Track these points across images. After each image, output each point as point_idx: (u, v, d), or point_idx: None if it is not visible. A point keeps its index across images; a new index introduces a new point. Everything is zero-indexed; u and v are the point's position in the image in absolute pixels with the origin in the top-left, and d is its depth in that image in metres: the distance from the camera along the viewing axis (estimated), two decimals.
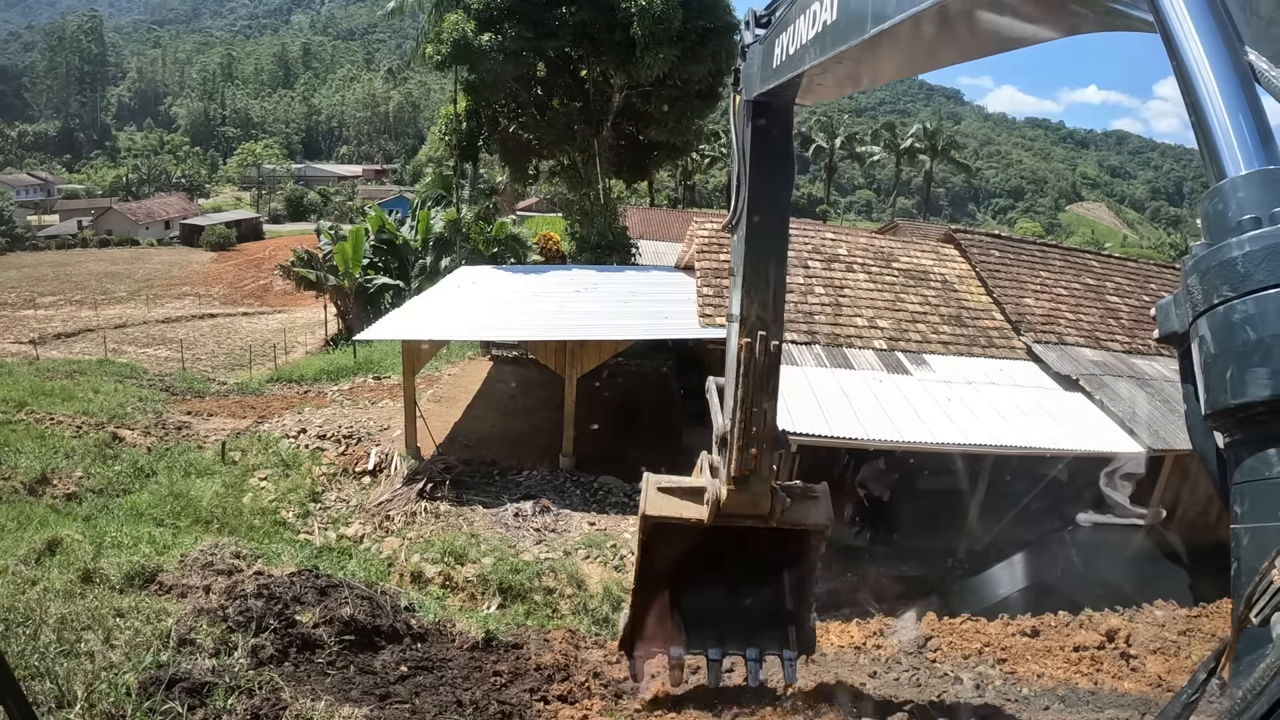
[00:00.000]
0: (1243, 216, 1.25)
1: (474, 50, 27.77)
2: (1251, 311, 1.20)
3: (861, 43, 3.51)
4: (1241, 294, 1.22)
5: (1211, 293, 1.27)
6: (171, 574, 9.46)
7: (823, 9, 4.04)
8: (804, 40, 4.47)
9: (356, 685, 7.23)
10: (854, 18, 3.56)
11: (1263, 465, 1.21)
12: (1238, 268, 1.22)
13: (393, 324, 20.84)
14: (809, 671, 9.38)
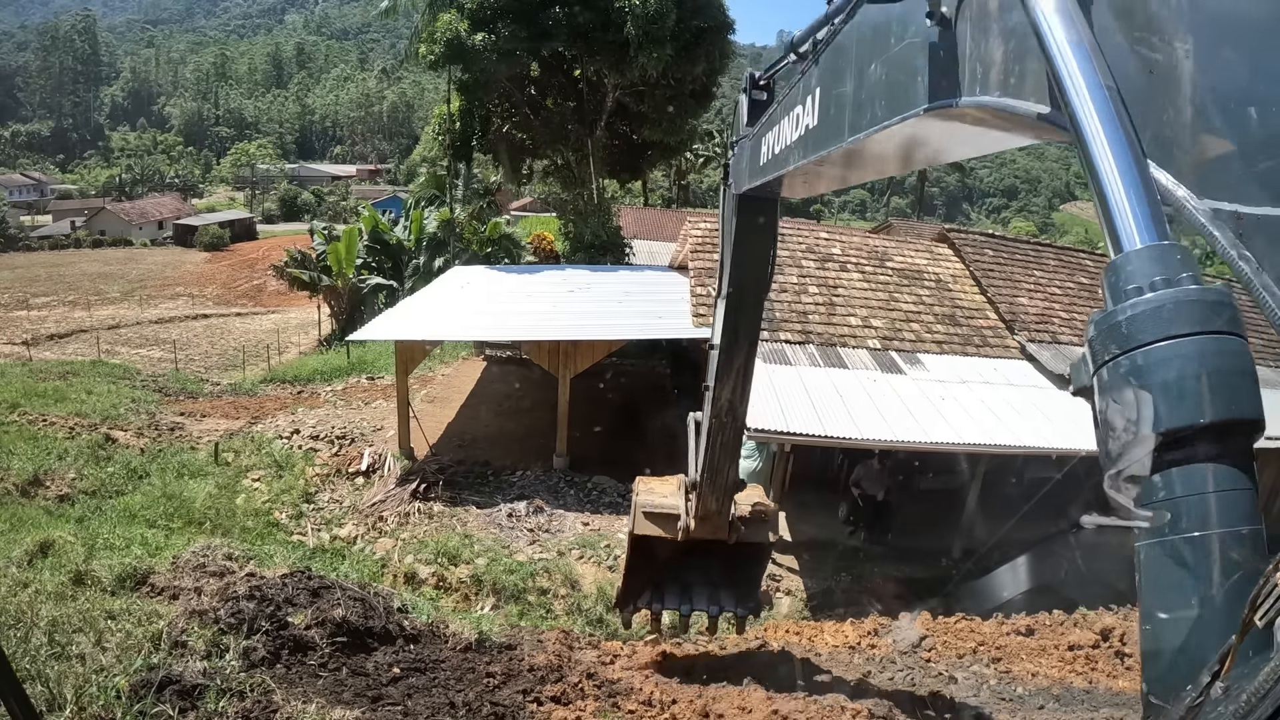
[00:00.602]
0: (1129, 285, 1.47)
1: (467, 50, 27.73)
2: (1134, 365, 1.41)
3: (841, 149, 3.73)
4: (1125, 351, 1.43)
5: (1103, 351, 1.48)
6: (163, 576, 9.43)
7: (805, 113, 4.32)
8: (788, 141, 4.74)
9: (349, 687, 7.20)
10: (833, 125, 3.82)
11: (1150, 491, 1.40)
12: (1122, 329, 1.44)
13: (385, 324, 20.84)
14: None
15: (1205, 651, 1.29)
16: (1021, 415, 15.92)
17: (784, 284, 20.57)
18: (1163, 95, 1.73)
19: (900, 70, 2.95)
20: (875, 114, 3.22)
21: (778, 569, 15.39)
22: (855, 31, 3.54)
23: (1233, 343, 1.38)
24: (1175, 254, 1.47)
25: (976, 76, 2.40)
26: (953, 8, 2.49)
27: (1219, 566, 1.30)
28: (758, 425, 14.38)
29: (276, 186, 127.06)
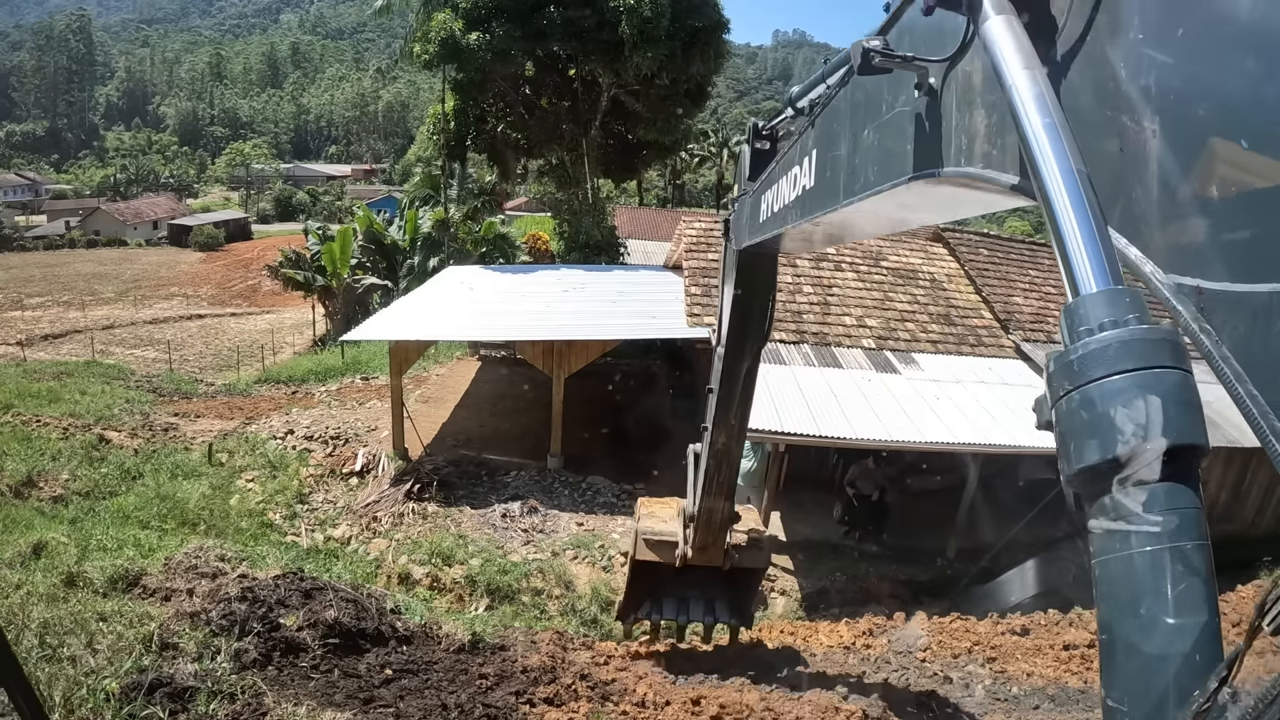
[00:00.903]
0: (1081, 327, 1.59)
1: (462, 49, 27.70)
2: (1085, 398, 1.53)
3: (836, 211, 3.90)
4: (1077, 386, 1.54)
5: (1058, 388, 1.59)
6: (156, 577, 9.41)
7: (802, 174, 4.49)
8: (786, 200, 4.91)
9: (340, 689, 7.18)
10: (829, 188, 3.99)
11: (1099, 512, 1.51)
12: (1074, 367, 1.56)
13: (379, 324, 20.82)
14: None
15: (1158, 659, 1.37)
16: (1016, 415, 15.91)
17: (779, 283, 20.53)
18: (1132, 172, 1.85)
19: (891, 137, 3.10)
20: (868, 179, 3.37)
21: (773, 569, 15.39)
22: (849, 96, 3.68)
23: (1174, 375, 1.48)
24: (1124, 298, 1.59)
25: (961, 148, 2.54)
26: (939, 81, 2.63)
27: (1168, 579, 1.39)
28: (753, 425, 14.36)
29: (271, 186, 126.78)
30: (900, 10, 2.98)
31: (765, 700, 8.63)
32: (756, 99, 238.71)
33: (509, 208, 63.59)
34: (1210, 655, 1.34)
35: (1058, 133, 1.82)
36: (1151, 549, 1.42)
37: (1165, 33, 1.77)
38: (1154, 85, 1.79)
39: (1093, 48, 2.00)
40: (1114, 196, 1.88)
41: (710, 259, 21.28)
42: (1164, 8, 1.78)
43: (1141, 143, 1.81)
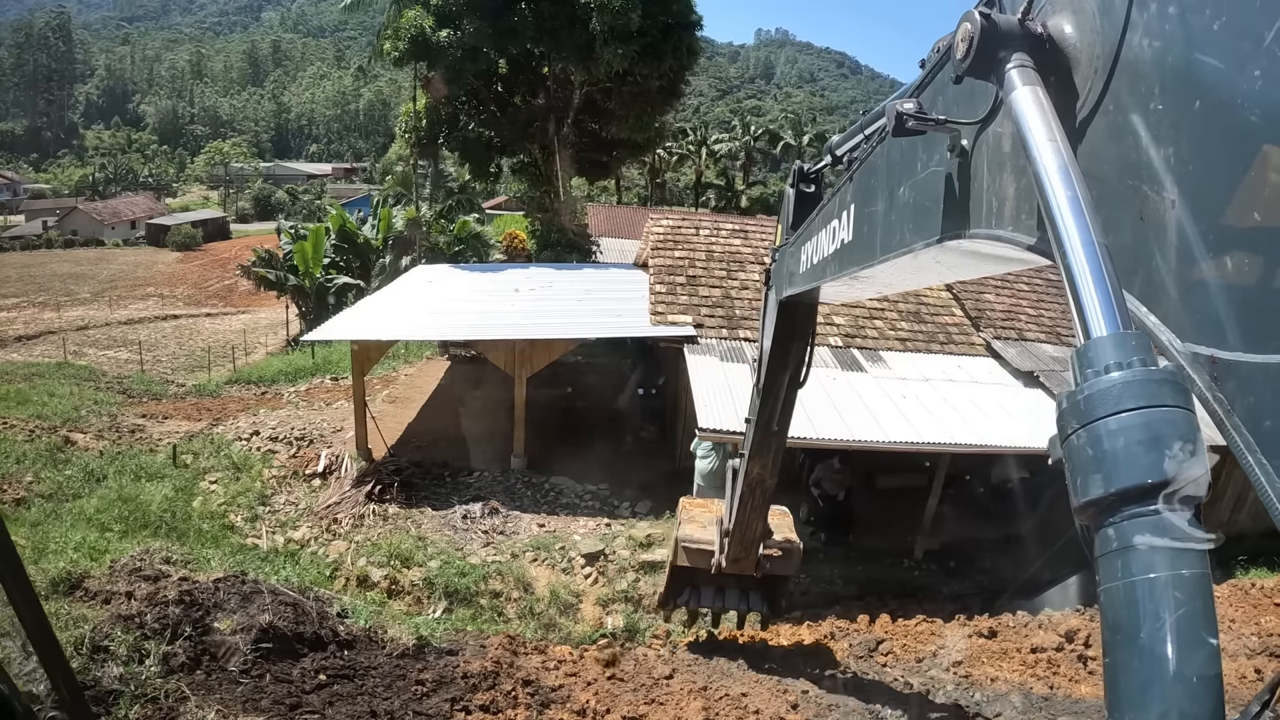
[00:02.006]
0: (1089, 369, 1.65)
1: (432, 46, 27.60)
2: (1092, 435, 1.58)
3: (873, 266, 4.06)
4: (1084, 424, 1.60)
5: (1067, 426, 1.65)
6: (98, 580, 9.32)
7: (841, 227, 4.64)
8: (826, 253, 5.13)
9: (268, 694, 7.08)
10: (866, 243, 4.13)
11: (1103, 542, 1.56)
12: (1081, 406, 1.62)
13: (340, 324, 20.66)
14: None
15: (1159, 683, 1.41)
16: (985, 413, 15.86)
17: (745, 281, 20.52)
18: (1151, 240, 1.92)
19: (925, 196, 3.20)
20: (904, 237, 3.51)
21: None
22: (886, 153, 3.78)
23: (1177, 414, 1.53)
24: (1130, 341, 1.66)
25: (992, 209, 2.63)
26: (971, 142, 2.72)
27: (1169, 606, 1.43)
28: (712, 425, 14.29)
29: (251, 185, 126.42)
30: (932, 73, 3.10)
31: (705, 713, 8.57)
32: (739, 97, 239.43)
33: (489, 206, 63.57)
34: (1210, 678, 1.38)
35: (1080, 206, 1.88)
36: (1152, 577, 1.47)
37: (1183, 105, 1.83)
38: (1173, 156, 1.85)
39: (1115, 117, 2.07)
40: (1135, 265, 1.97)
41: (677, 256, 21.22)
42: (1181, 82, 1.83)
43: (1161, 212, 1.88)
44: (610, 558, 15.20)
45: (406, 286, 24.59)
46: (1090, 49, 2.16)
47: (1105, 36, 2.10)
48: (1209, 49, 1.77)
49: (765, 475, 8.67)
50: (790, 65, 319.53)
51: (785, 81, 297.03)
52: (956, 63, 2.37)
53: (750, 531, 9.33)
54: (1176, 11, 1.87)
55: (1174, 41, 1.87)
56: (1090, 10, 2.18)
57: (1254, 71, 1.64)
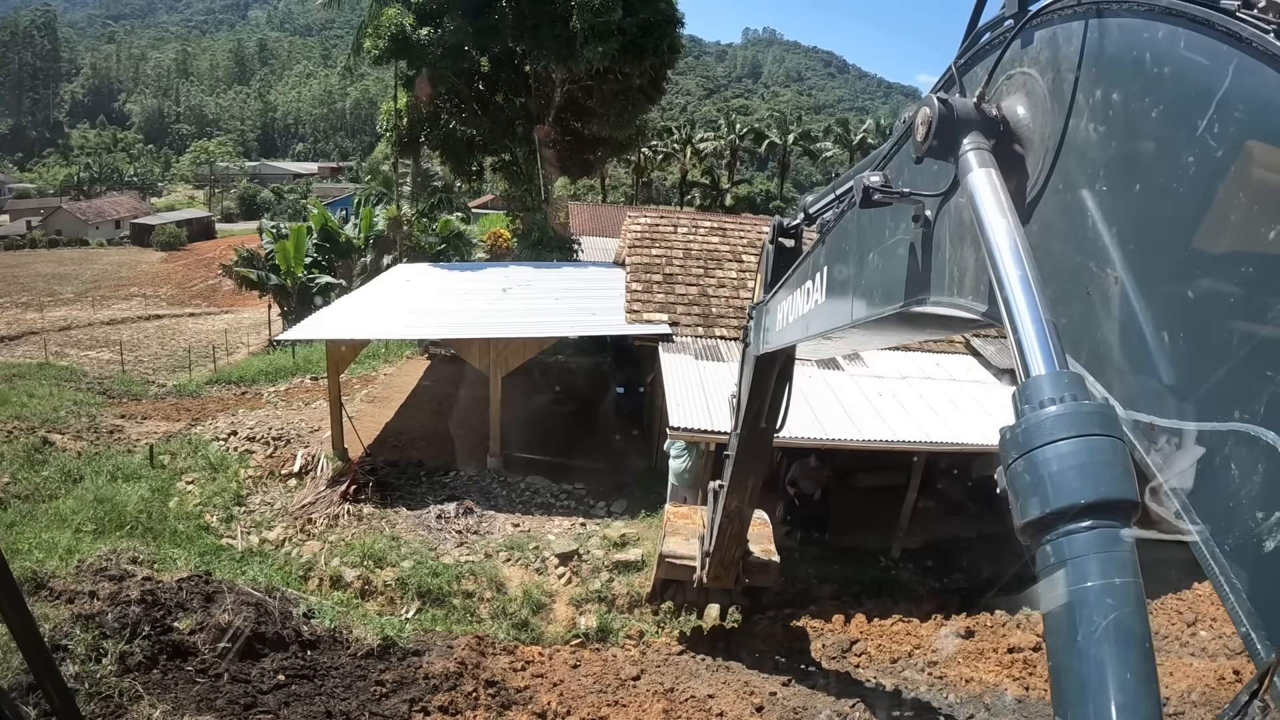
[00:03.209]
0: (1026, 405, 1.77)
1: (412, 44, 27.55)
2: (1029, 462, 1.69)
3: (846, 328, 4.25)
4: (1022, 454, 1.71)
5: (1007, 456, 1.76)
6: (64, 580, 9.30)
7: (815, 288, 4.90)
8: (800, 313, 5.38)
9: (223, 694, 7.07)
10: (839, 306, 4.35)
11: (1043, 558, 1.66)
12: (1019, 438, 1.73)
13: (316, 323, 20.57)
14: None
15: (1096, 683, 1.49)
16: (963, 411, 15.88)
17: (722, 279, 20.51)
18: (1098, 314, 2.08)
19: (892, 263, 3.40)
20: (873, 301, 3.72)
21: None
22: (856, 219, 3.98)
23: (1103, 441, 1.65)
24: (1064, 378, 1.78)
25: (954, 278, 2.80)
26: (934, 214, 2.90)
27: (1101, 612, 1.52)
28: (685, 424, 14.29)
29: (236, 184, 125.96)
30: (897, 146, 3.35)
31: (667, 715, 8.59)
32: (726, 96, 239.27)
33: (476, 205, 63.40)
34: (1145, 675, 1.47)
35: (1029, 285, 2.00)
36: (1087, 586, 1.56)
37: (1125, 187, 1.99)
38: (1115, 236, 2.02)
39: (1064, 196, 2.23)
40: (1082, 337, 2.13)
41: (654, 254, 21.20)
42: (1123, 166, 2.00)
43: (1106, 288, 2.04)
44: (584, 558, 15.18)
45: (384, 285, 24.54)
46: (1042, 130, 2.33)
47: (1055, 119, 2.26)
48: (1148, 135, 1.93)
49: (743, 507, 9.26)
50: (778, 64, 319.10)
51: (773, 81, 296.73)
52: (916, 144, 2.52)
53: (729, 555, 10.08)
54: (1119, 99, 2.03)
55: (1117, 127, 2.03)
56: (1041, 93, 2.35)
57: (1188, 158, 1.79)
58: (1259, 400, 1.64)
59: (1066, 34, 2.24)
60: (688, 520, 11.54)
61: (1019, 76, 2.47)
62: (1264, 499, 1.62)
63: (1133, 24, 1.99)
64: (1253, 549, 1.64)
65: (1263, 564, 1.63)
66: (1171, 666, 10.58)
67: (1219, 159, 1.71)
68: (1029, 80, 2.42)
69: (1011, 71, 2.51)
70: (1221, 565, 1.69)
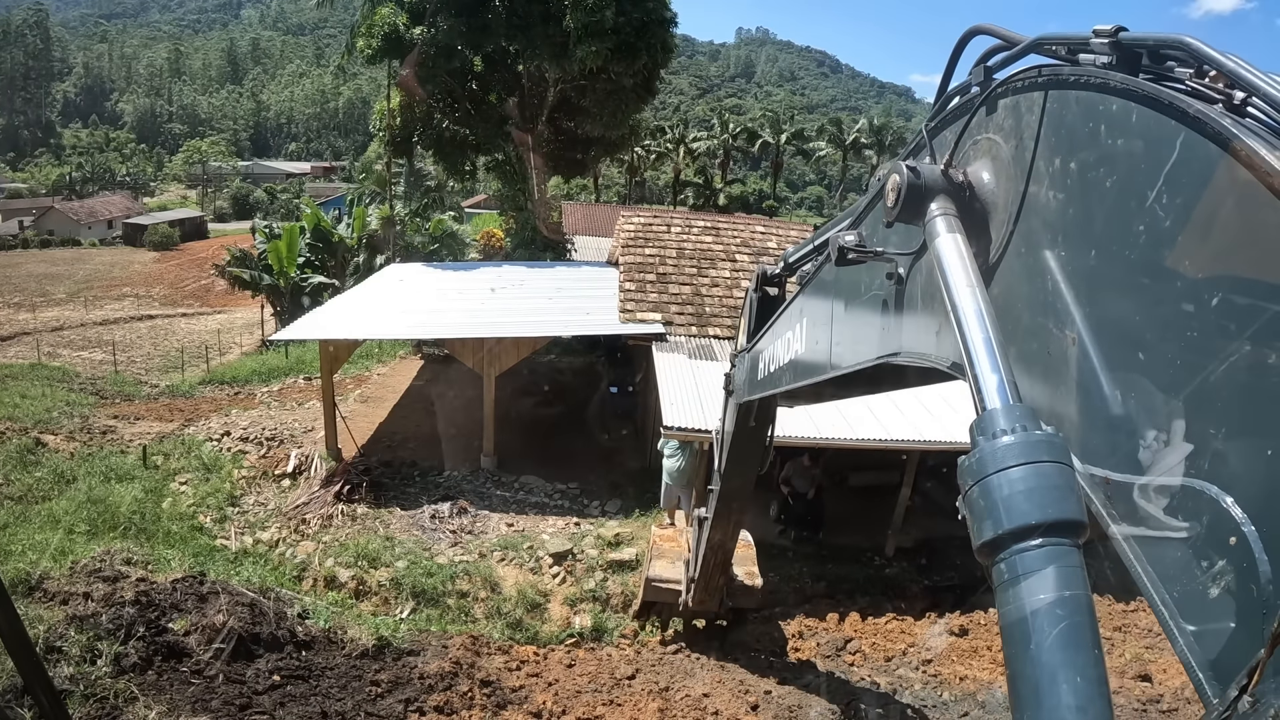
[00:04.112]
0: (980, 436, 1.86)
1: (405, 44, 27.54)
2: (984, 488, 1.78)
3: (823, 377, 4.37)
4: (977, 481, 1.79)
5: (964, 484, 1.84)
6: (58, 581, 9.29)
7: (795, 339, 4.99)
8: (781, 363, 5.49)
9: (218, 695, 7.07)
10: (818, 358, 4.45)
11: (998, 575, 1.73)
12: (975, 467, 1.81)
13: (308, 324, 20.52)
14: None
15: (1049, 689, 1.55)
16: (956, 410, 15.86)
17: (715, 279, 20.52)
18: (1057, 372, 2.16)
19: (866, 318, 3.54)
20: (852, 353, 3.86)
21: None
22: (834, 273, 4.04)
23: (1052, 466, 1.74)
24: (1016, 411, 1.88)
25: (925, 333, 2.90)
26: (906, 271, 3.01)
27: (1052, 622, 1.60)
28: (678, 424, 14.29)
29: (229, 184, 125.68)
30: (871, 205, 3.49)
31: (662, 714, 8.59)
32: (719, 95, 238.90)
33: (469, 205, 63.42)
34: (1094, 679, 1.54)
35: (991, 346, 2.09)
36: (1040, 598, 1.62)
37: (1081, 253, 2.08)
38: (1072, 299, 2.10)
39: (1026, 259, 2.31)
40: (1042, 394, 2.21)
41: (647, 254, 21.21)
42: (1079, 232, 2.09)
43: (1064, 348, 2.13)
44: (579, 557, 15.18)
45: (377, 285, 24.51)
46: (1005, 195, 2.41)
47: (1016, 185, 2.35)
48: (1103, 204, 2.01)
49: (725, 540, 9.49)
50: (771, 64, 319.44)
51: (766, 80, 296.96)
52: (887, 210, 2.63)
53: (713, 582, 10.25)
54: (1076, 167, 2.11)
55: (1074, 194, 2.11)
56: (1005, 159, 2.43)
57: (1139, 227, 1.88)
58: (1204, 455, 1.72)
59: (1029, 103, 2.34)
60: (673, 543, 11.71)
61: (984, 142, 2.56)
62: (1208, 549, 1.70)
63: (1089, 97, 2.07)
64: (1199, 596, 1.72)
65: (1208, 610, 1.70)
66: (1165, 663, 10.61)
67: (1167, 228, 1.80)
68: (994, 146, 2.51)
69: (978, 137, 2.61)
70: (1170, 610, 1.77)
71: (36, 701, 3.20)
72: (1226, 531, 1.65)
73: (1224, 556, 1.66)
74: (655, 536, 11.98)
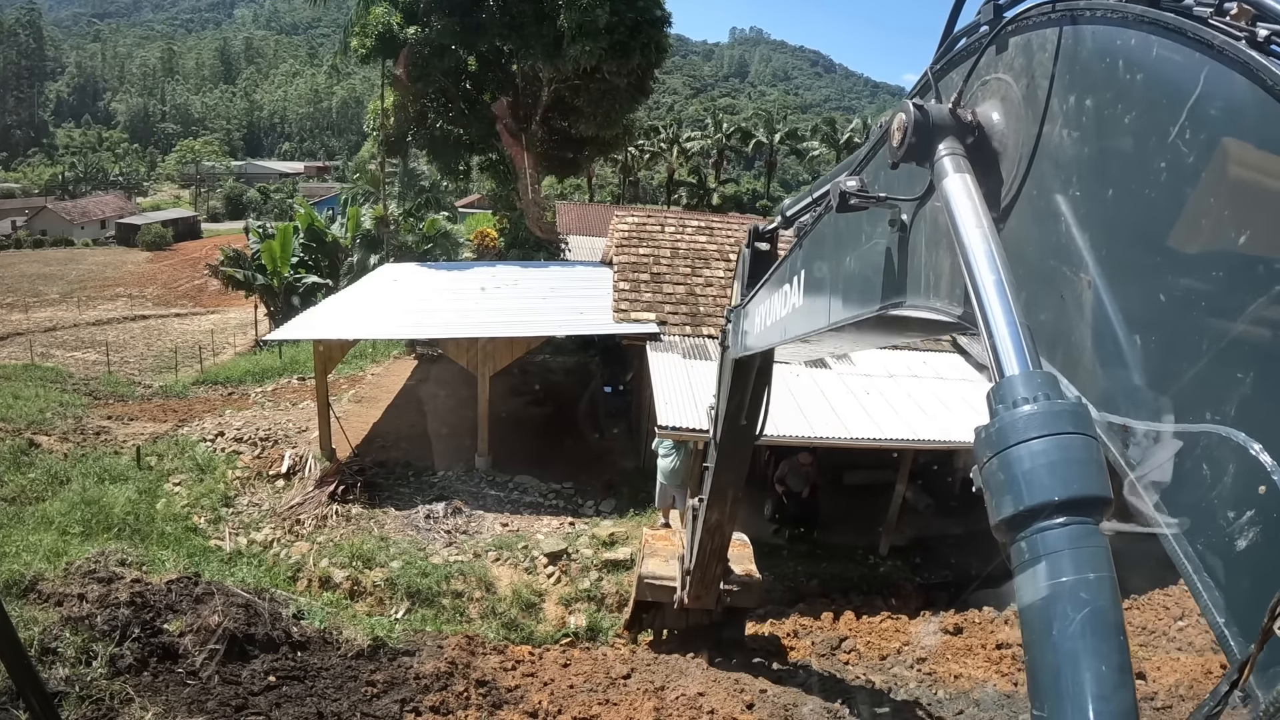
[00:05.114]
0: (999, 404, 1.77)
1: (399, 43, 27.50)
2: (1003, 461, 1.70)
3: (824, 330, 4.25)
4: (996, 452, 1.72)
5: (982, 455, 1.77)
6: (53, 582, 9.27)
7: (792, 292, 4.90)
8: (778, 316, 5.37)
9: (214, 696, 7.07)
10: (816, 309, 4.34)
11: (1018, 555, 1.65)
12: (993, 437, 1.73)
13: (302, 324, 20.50)
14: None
15: (1072, 677, 1.50)
16: (949, 409, 15.93)
17: (709, 278, 20.54)
18: (1071, 317, 2.09)
19: (868, 267, 3.43)
20: (850, 304, 3.75)
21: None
22: (833, 224, 3.97)
23: (1076, 439, 1.66)
24: (1037, 378, 1.78)
25: (930, 282, 2.82)
26: (910, 218, 2.93)
27: (1075, 606, 1.53)
28: (672, 423, 14.31)
29: (222, 184, 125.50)
30: (873, 151, 3.37)
31: (658, 713, 8.60)
32: (713, 95, 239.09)
33: (462, 205, 63.32)
34: (1118, 667, 1.48)
35: (1004, 289, 2.00)
36: (1061, 580, 1.56)
37: (1098, 193, 2.00)
38: (1088, 240, 2.02)
39: (1037, 202, 2.23)
40: (1056, 340, 2.13)
41: (641, 253, 21.22)
42: (1096, 171, 2.01)
43: (1079, 291, 2.04)
44: (573, 557, 15.19)
45: (371, 285, 24.50)
46: (1016, 136, 2.33)
47: (1029, 125, 2.26)
48: (1121, 141, 1.94)
49: (723, 521, 9.14)
50: (765, 64, 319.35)
51: (760, 80, 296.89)
52: (892, 150, 2.51)
53: (710, 573, 9.88)
54: (1093, 105, 2.04)
55: (1089, 133, 2.04)
56: (1016, 99, 2.35)
57: (1160, 164, 1.80)
58: (1230, 401, 1.66)
59: (1040, 40, 2.26)
60: (666, 542, 11.56)
61: (994, 82, 2.49)
62: (1235, 499, 1.64)
63: (1106, 31, 2.01)
64: (1225, 548, 1.66)
65: (1235, 562, 1.64)
66: (1159, 661, 10.63)
67: (1190, 164, 1.73)
68: (1004, 86, 2.43)
69: (986, 77, 2.53)
70: (1194, 563, 1.71)
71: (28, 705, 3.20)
72: (1255, 480, 1.59)
73: (1252, 506, 1.61)
74: (648, 536, 11.90)
